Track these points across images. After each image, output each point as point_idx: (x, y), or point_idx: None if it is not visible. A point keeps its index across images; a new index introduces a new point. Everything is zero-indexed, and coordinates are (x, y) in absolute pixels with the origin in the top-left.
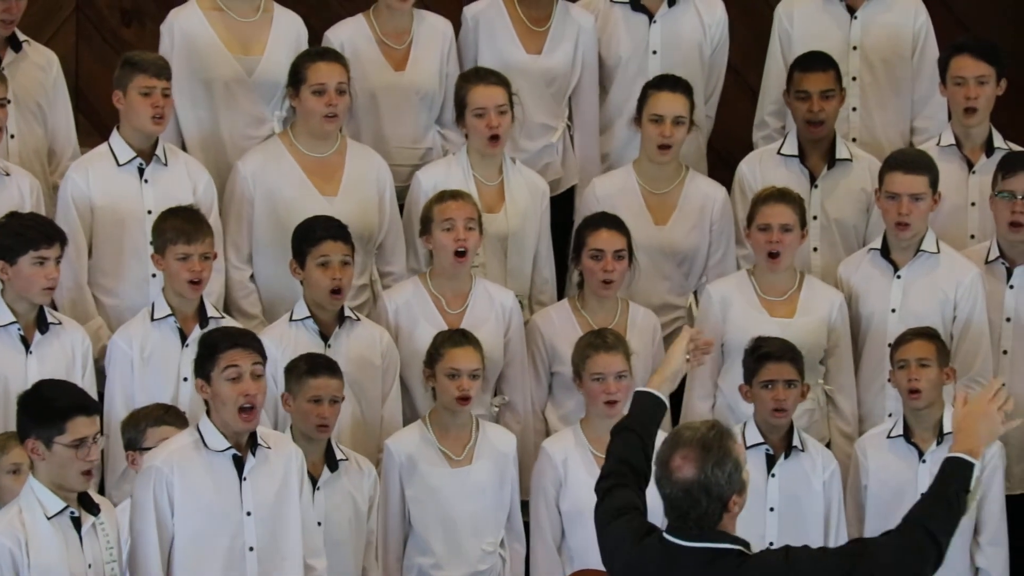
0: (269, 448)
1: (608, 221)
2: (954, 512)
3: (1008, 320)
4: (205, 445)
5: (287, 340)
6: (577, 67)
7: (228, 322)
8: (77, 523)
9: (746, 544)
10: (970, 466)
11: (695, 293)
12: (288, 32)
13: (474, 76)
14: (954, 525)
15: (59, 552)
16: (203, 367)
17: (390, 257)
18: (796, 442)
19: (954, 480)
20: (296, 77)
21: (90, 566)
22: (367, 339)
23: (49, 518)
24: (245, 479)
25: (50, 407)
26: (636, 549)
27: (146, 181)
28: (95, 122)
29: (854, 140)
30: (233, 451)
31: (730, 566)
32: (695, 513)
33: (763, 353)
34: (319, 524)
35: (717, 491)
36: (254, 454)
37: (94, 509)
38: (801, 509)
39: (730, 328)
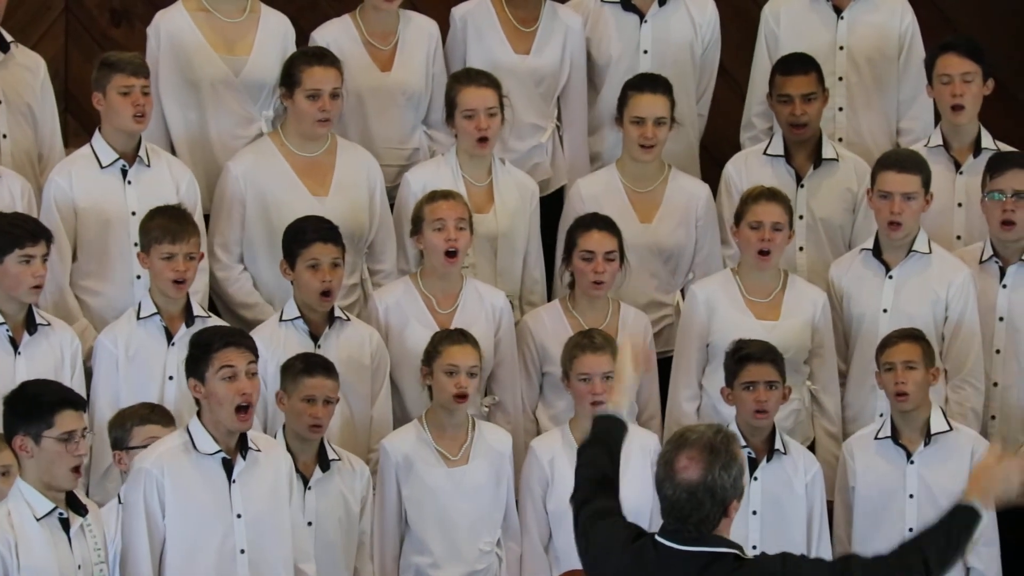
0: (259, 451)
1: (599, 222)
2: (952, 549)
3: (1001, 319)
4: (195, 448)
5: (277, 340)
6: (565, 67)
7: (215, 321)
8: (66, 524)
9: (740, 548)
10: (978, 516)
11: (682, 291)
12: (275, 32)
13: (465, 77)
14: (950, 562)
15: (49, 554)
16: (196, 367)
17: (380, 256)
18: (778, 445)
19: (960, 521)
20: (290, 79)
21: (79, 567)
22: (357, 339)
23: (38, 519)
24: (234, 482)
25: (37, 402)
26: (628, 553)
27: (129, 182)
28: (84, 123)
29: (840, 140)
30: (222, 454)
31: (726, 570)
32: (696, 516)
33: (744, 355)
34: (310, 524)
35: (721, 495)
36: (244, 457)
37: (81, 510)
38: (783, 512)
39: (715, 330)
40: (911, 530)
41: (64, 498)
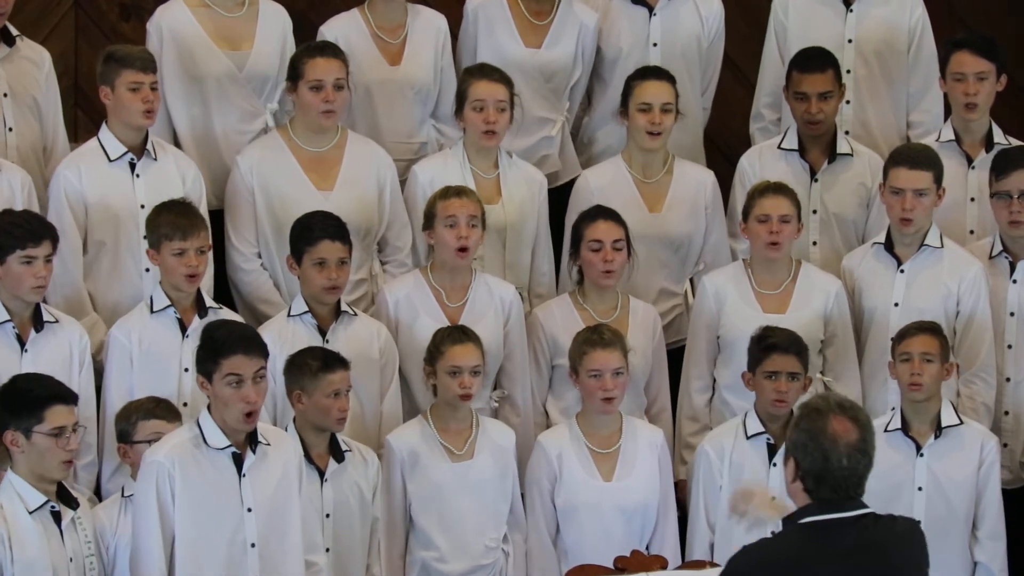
0: (268, 444)
1: (605, 213)
2: None
3: (1012, 315)
4: (205, 442)
5: (286, 335)
6: (578, 63)
7: (227, 314)
8: (57, 517)
9: None
10: None
11: (691, 280)
12: (275, 24)
13: (478, 71)
14: None
15: (41, 546)
16: (205, 366)
17: (395, 251)
18: None
19: None
20: (294, 72)
21: (71, 560)
22: (365, 334)
23: (30, 512)
24: (244, 476)
25: (27, 397)
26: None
27: (137, 176)
28: (94, 118)
29: (847, 133)
30: (232, 449)
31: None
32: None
33: (769, 344)
34: (328, 516)
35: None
36: (254, 451)
37: (73, 503)
38: None
39: (724, 322)
40: (919, 522)
41: (55, 491)
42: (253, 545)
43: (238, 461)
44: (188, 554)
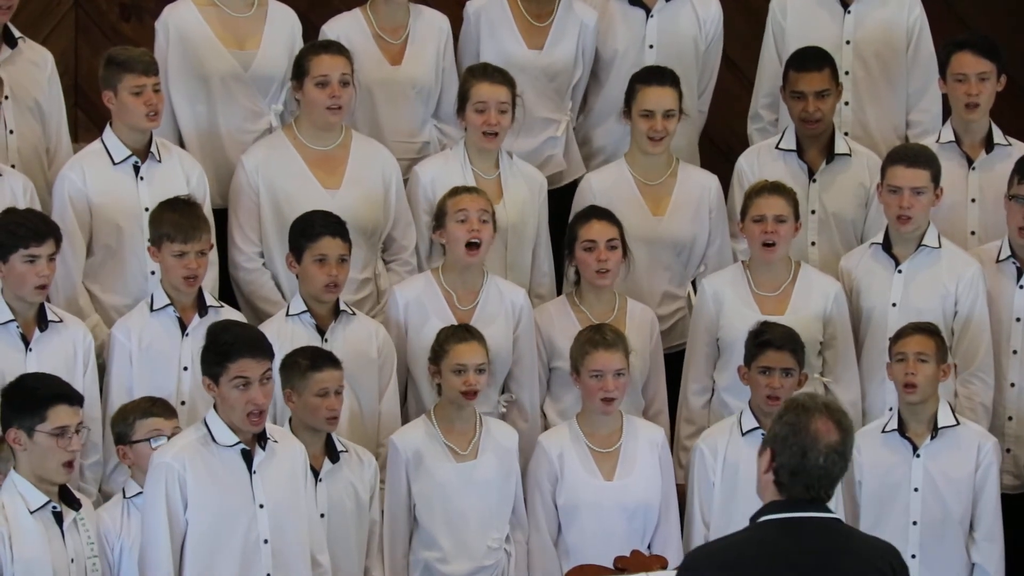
0: (276, 442)
1: (598, 212)
2: None
3: (1018, 320)
4: (213, 440)
5: (284, 335)
6: (580, 63)
7: (228, 311)
8: (59, 518)
9: None
10: None
11: (693, 283)
12: (283, 26)
13: (481, 72)
14: None
15: (42, 546)
16: (211, 368)
17: (399, 251)
18: None
19: None
20: (300, 70)
21: (72, 561)
22: (364, 333)
23: (32, 512)
24: (255, 472)
25: (32, 396)
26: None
27: (141, 178)
28: (94, 118)
29: (846, 134)
30: (242, 445)
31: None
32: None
33: (764, 340)
34: (322, 516)
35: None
36: (263, 448)
37: (75, 504)
38: None
39: (723, 324)
40: (915, 523)
41: (57, 492)
42: (266, 541)
43: (248, 458)
44: (202, 552)
